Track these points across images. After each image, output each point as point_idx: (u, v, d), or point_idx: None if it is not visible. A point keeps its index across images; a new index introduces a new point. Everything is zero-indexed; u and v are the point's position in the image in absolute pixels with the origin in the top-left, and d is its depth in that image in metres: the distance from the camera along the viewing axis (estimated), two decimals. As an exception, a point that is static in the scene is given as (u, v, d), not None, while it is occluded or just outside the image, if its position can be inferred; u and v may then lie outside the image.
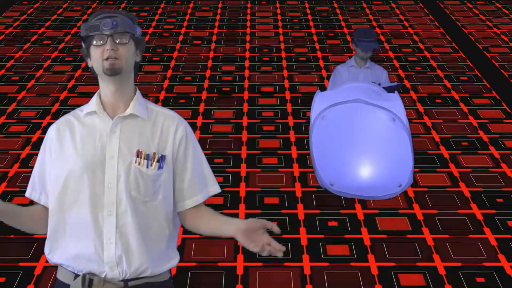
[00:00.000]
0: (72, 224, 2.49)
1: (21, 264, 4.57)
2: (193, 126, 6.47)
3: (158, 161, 2.49)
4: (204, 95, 7.26)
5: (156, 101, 7.04)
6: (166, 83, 7.57)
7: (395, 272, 4.49)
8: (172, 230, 2.60)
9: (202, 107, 6.96)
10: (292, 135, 6.38)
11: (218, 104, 7.04)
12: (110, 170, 2.47)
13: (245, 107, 6.97)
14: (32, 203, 2.64)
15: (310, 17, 10.02)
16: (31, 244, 4.74)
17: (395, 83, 5.76)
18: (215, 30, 9.41)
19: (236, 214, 5.10)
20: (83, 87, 7.47)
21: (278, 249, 2.37)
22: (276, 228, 2.39)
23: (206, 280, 4.42)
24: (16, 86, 7.50)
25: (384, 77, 5.81)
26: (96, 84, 2.58)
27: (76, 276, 2.51)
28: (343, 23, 9.73)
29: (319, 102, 5.26)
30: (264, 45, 8.84)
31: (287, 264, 4.57)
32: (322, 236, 4.88)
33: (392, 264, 4.58)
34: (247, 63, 8.19)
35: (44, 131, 6.36)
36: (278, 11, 10.34)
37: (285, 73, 7.90)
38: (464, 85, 7.58)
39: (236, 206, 5.24)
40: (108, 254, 2.47)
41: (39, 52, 8.56)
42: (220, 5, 10.62)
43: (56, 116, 6.72)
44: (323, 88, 7.35)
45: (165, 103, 6.99)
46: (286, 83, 7.60)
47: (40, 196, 2.58)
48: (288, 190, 5.47)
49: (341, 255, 4.66)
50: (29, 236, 4.75)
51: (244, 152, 6.08)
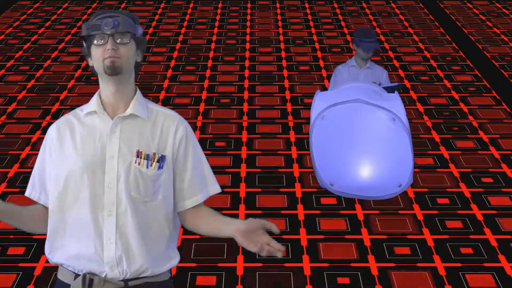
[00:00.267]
0: (72, 224, 2.49)
1: (20, 264, 4.57)
2: (193, 126, 6.46)
3: (158, 161, 2.49)
4: (204, 94, 7.25)
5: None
6: (166, 83, 7.56)
7: (395, 273, 4.48)
8: (172, 230, 2.59)
9: (202, 107, 6.95)
10: (292, 136, 6.37)
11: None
12: (110, 170, 2.46)
13: (245, 107, 6.96)
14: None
15: (310, 17, 10.01)
16: (31, 244, 4.73)
17: (396, 83, 5.75)
18: (215, 30, 9.40)
19: (236, 215, 5.09)
20: (83, 87, 7.45)
21: (277, 248, 2.37)
22: (275, 228, 2.38)
23: (206, 280, 4.41)
24: (17, 85, 7.49)
25: (384, 77, 5.81)
26: (96, 84, 2.57)
27: (77, 276, 2.51)
28: (343, 23, 9.72)
29: (319, 102, 5.25)
30: (264, 45, 8.84)
31: (287, 264, 4.56)
32: (322, 236, 4.87)
33: (392, 264, 4.57)
34: (247, 64, 8.19)
35: (44, 132, 6.34)
36: (278, 11, 10.32)
37: (285, 72, 7.89)
38: (464, 84, 7.58)
39: (236, 207, 5.23)
40: (108, 254, 2.46)
41: (39, 52, 8.55)
42: (220, 5, 10.61)
43: (56, 116, 6.71)
44: (323, 88, 7.35)
45: (165, 103, 6.98)
46: (286, 83, 7.59)
47: (40, 196, 2.58)
48: (288, 190, 5.46)
49: (341, 256, 4.66)
50: (29, 237, 4.75)
51: (244, 152, 6.08)
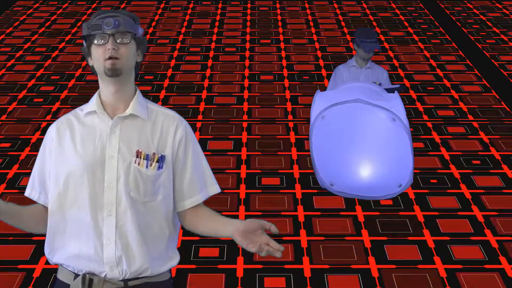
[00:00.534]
0: (72, 224, 2.48)
1: (20, 266, 4.54)
2: (193, 127, 6.44)
3: (157, 161, 2.49)
4: (204, 94, 7.25)
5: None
6: (166, 83, 7.56)
7: (396, 275, 4.47)
8: (172, 230, 2.59)
9: (202, 106, 6.95)
10: (292, 137, 6.36)
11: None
12: (110, 170, 2.46)
13: (245, 106, 6.95)
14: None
15: (310, 17, 10.00)
16: (30, 246, 4.71)
17: (398, 85, 5.74)
18: (215, 30, 9.40)
19: (236, 216, 5.08)
20: (83, 87, 7.44)
21: (276, 248, 2.36)
22: (274, 228, 2.37)
23: (206, 282, 4.39)
24: (17, 85, 7.47)
25: (384, 77, 5.80)
26: (96, 83, 2.56)
27: (76, 276, 2.51)
28: (343, 23, 9.71)
29: (319, 102, 5.24)
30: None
31: (287, 266, 4.54)
32: (322, 238, 4.86)
33: (393, 266, 4.56)
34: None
35: (43, 133, 6.32)
36: (278, 11, 10.31)
37: (285, 72, 7.88)
38: (464, 84, 7.57)
39: (236, 208, 5.21)
40: (108, 254, 2.46)
41: (38, 53, 8.54)
42: (220, 5, 10.60)
43: (56, 116, 6.70)
44: (323, 88, 7.34)
45: (164, 102, 6.98)
46: (286, 83, 7.58)
47: (40, 196, 2.58)
48: (289, 191, 5.45)
49: (341, 257, 4.64)
50: (28, 238, 4.73)
51: (244, 153, 6.06)
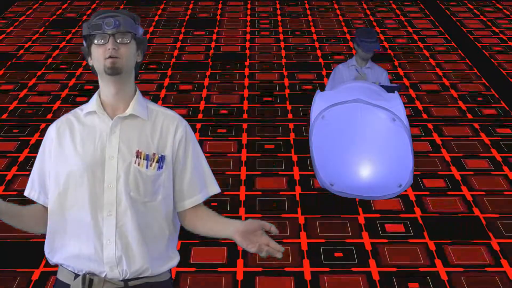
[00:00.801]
0: (72, 224, 2.49)
1: (18, 269, 4.52)
2: (193, 127, 6.42)
3: (157, 161, 2.49)
4: (204, 93, 7.23)
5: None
6: (165, 83, 7.54)
7: (397, 278, 4.45)
8: (172, 231, 2.59)
9: (202, 105, 6.93)
10: (292, 137, 6.34)
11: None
12: (110, 170, 2.46)
13: (245, 105, 6.93)
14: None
15: (310, 17, 9.99)
16: (28, 249, 4.68)
17: (396, 84, 5.73)
18: (216, 29, 9.38)
19: (236, 218, 5.05)
20: (83, 87, 7.42)
21: (277, 249, 2.36)
22: (274, 229, 2.37)
23: (206, 285, 4.37)
24: (18, 84, 7.46)
25: (384, 77, 5.80)
26: (96, 82, 2.54)
27: (76, 276, 2.51)
28: (343, 23, 9.69)
29: (319, 102, 5.24)
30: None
31: (287, 269, 4.52)
32: (323, 240, 4.83)
33: (394, 269, 4.53)
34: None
35: (42, 134, 6.29)
36: (278, 12, 10.30)
37: (284, 72, 7.87)
38: (464, 84, 7.56)
39: (236, 210, 5.19)
40: (108, 254, 2.46)
41: (38, 52, 8.52)
42: (220, 5, 10.59)
43: (55, 116, 6.68)
44: (323, 88, 7.33)
45: (165, 102, 6.96)
46: (286, 81, 7.56)
47: (39, 195, 2.58)
48: (288, 193, 5.43)
49: (341, 260, 4.62)
50: (26, 241, 4.71)
51: (244, 155, 6.04)
